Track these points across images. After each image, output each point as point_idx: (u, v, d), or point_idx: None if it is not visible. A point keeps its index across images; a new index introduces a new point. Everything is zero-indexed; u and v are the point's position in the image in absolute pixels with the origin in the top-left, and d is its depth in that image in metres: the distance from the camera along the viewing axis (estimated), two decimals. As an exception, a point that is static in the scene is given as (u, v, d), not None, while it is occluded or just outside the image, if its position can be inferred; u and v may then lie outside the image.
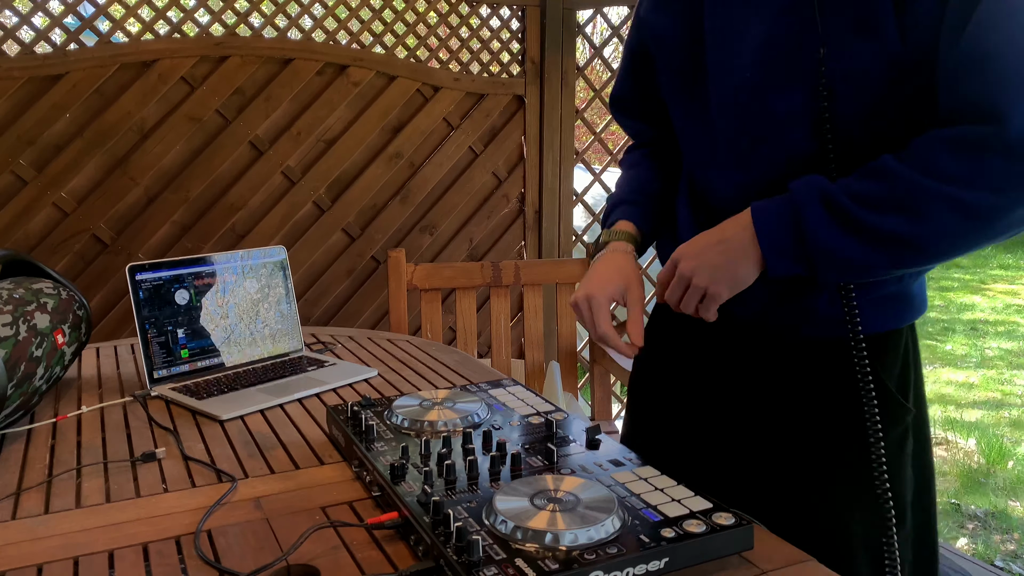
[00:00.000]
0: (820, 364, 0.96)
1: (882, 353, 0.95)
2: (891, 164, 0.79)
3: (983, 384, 4.23)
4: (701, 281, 0.90)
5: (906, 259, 0.81)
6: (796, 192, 0.84)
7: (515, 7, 2.78)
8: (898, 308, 0.95)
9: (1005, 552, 2.56)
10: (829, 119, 0.85)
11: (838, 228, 0.81)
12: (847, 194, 0.81)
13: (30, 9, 2.18)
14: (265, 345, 1.50)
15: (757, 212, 0.86)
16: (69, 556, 0.79)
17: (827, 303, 0.92)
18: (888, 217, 0.79)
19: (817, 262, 0.83)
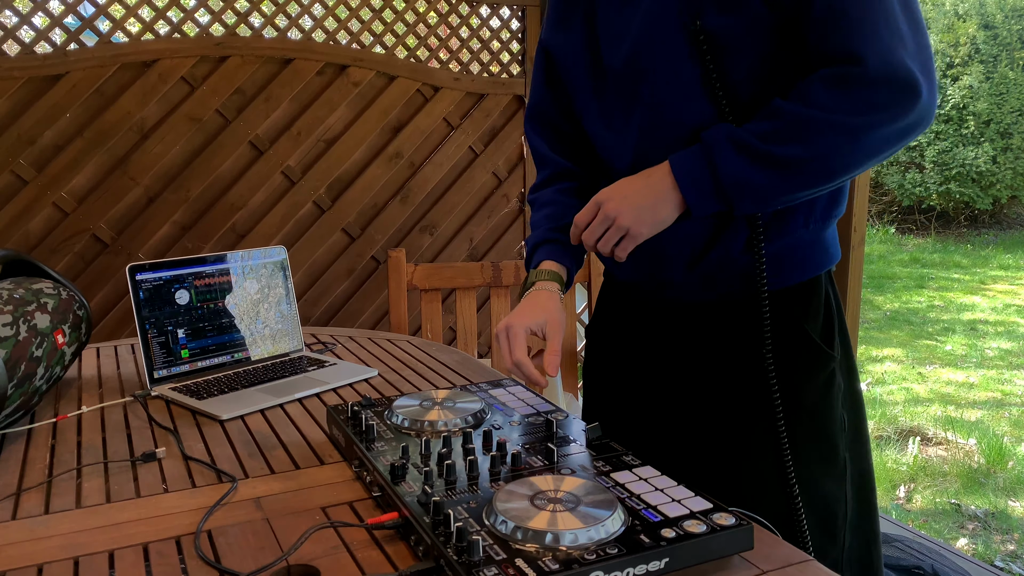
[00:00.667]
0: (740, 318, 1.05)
1: (803, 302, 1.05)
2: (780, 103, 0.93)
3: (983, 384, 4.23)
4: (624, 221, 0.97)
5: (806, 179, 0.93)
6: (706, 137, 0.95)
7: (515, 7, 2.78)
8: (812, 255, 1.05)
9: (1005, 552, 2.56)
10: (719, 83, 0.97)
11: (746, 160, 0.92)
12: (749, 132, 0.93)
13: (30, 9, 2.18)
14: (265, 345, 1.50)
15: (675, 159, 0.97)
16: (69, 556, 0.79)
17: (742, 250, 1.03)
18: (785, 146, 0.91)
19: (732, 194, 0.94)
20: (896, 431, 3.57)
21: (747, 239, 1.03)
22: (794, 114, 0.91)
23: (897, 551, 2.10)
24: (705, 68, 0.97)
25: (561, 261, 1.15)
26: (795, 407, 1.03)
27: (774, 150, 0.92)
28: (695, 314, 1.09)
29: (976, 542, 2.62)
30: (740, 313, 1.06)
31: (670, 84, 1.00)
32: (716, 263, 1.05)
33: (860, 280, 2.34)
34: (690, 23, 0.96)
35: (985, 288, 6.48)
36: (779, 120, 0.92)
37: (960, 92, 7.99)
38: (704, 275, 1.06)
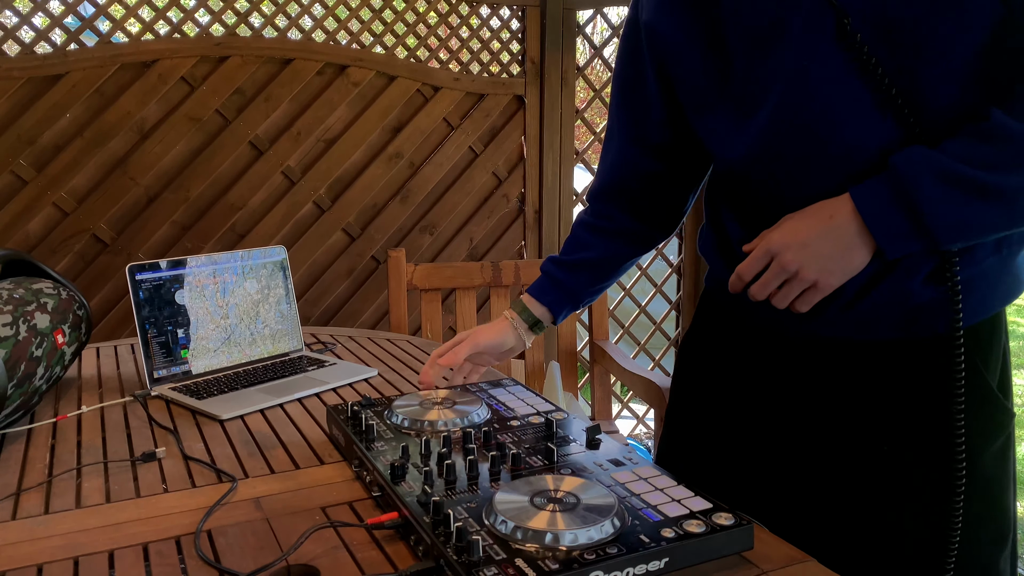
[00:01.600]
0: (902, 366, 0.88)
1: (983, 346, 0.87)
2: (1001, 120, 0.75)
3: (983, 384, 4.22)
4: (809, 274, 0.83)
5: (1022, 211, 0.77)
6: (899, 167, 0.79)
7: (515, 7, 2.78)
8: (999, 286, 0.87)
9: (1005, 552, 2.55)
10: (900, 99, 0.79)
11: (956, 195, 0.76)
12: (958, 158, 0.76)
13: (30, 9, 2.18)
14: (265, 345, 1.50)
15: (860, 198, 0.80)
16: (69, 556, 0.79)
17: (921, 284, 0.85)
18: (1010, 174, 0.75)
19: (940, 236, 0.78)
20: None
21: (932, 271, 0.84)
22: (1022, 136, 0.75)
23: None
24: (875, 78, 0.79)
25: (541, 298, 1.16)
26: (970, 476, 0.85)
27: (991, 179, 0.75)
28: (835, 351, 0.92)
29: (976, 542, 2.61)
30: (898, 355, 0.88)
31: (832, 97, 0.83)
32: (884, 299, 0.87)
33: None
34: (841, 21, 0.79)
35: (985, 288, 6.46)
36: (1000, 142, 0.76)
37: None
38: (864, 315, 0.88)
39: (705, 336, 1.12)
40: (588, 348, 2.32)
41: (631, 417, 3.18)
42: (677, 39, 0.94)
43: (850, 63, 0.80)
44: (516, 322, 1.17)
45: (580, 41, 2.98)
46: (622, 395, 3.15)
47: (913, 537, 0.88)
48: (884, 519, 0.89)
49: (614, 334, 3.05)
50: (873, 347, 0.89)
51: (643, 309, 3.05)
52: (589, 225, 1.17)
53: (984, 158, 0.76)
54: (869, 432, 0.90)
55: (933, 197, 0.77)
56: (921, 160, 0.78)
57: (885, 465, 0.89)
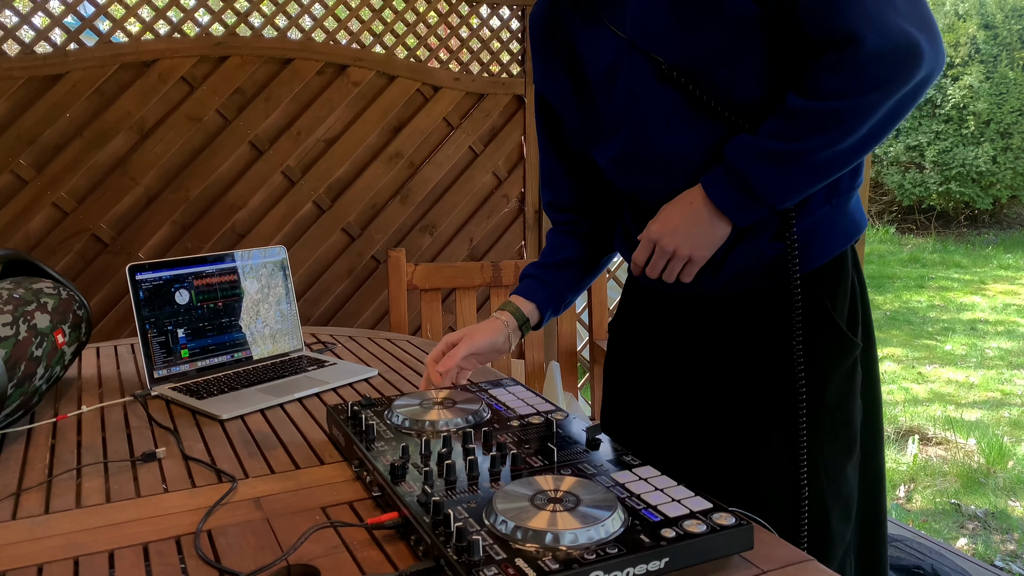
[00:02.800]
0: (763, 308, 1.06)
1: (829, 285, 1.05)
2: (793, 103, 0.95)
3: (983, 384, 4.23)
4: (684, 251, 1.02)
5: (838, 163, 0.95)
6: (729, 155, 0.98)
7: (515, 7, 2.78)
8: (836, 229, 1.05)
9: (1005, 552, 2.56)
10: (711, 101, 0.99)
11: (774, 165, 0.95)
12: (770, 136, 0.96)
13: (30, 9, 2.18)
14: (265, 345, 1.50)
15: (707, 186, 1.00)
16: (69, 556, 0.79)
17: (768, 242, 1.03)
18: (808, 139, 0.93)
19: (772, 198, 0.97)
20: (896, 431, 3.57)
21: (777, 229, 1.03)
22: (810, 110, 0.93)
23: (897, 551, 2.10)
24: (694, 98, 0.99)
25: (530, 297, 1.23)
26: (820, 400, 1.04)
27: (797, 147, 0.94)
28: (717, 307, 1.10)
29: (976, 542, 2.62)
30: (763, 303, 1.06)
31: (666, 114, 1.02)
32: (744, 259, 1.05)
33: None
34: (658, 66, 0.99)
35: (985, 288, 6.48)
36: (797, 118, 0.94)
37: (960, 92, 7.99)
38: (731, 274, 1.07)
39: (627, 315, 1.28)
40: (588, 348, 2.32)
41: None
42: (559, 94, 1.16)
43: (672, 91, 1.00)
44: (508, 322, 1.21)
45: (580, 41, 2.97)
46: (622, 395, 3.14)
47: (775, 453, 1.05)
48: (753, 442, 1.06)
49: (614, 334, 3.04)
50: (741, 298, 1.08)
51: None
52: (562, 231, 1.29)
53: (785, 131, 0.95)
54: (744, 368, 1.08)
55: (756, 171, 0.96)
56: (743, 145, 0.97)
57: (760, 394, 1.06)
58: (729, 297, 1.09)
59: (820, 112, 0.93)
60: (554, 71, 1.15)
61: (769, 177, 0.96)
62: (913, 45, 0.89)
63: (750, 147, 0.97)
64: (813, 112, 0.93)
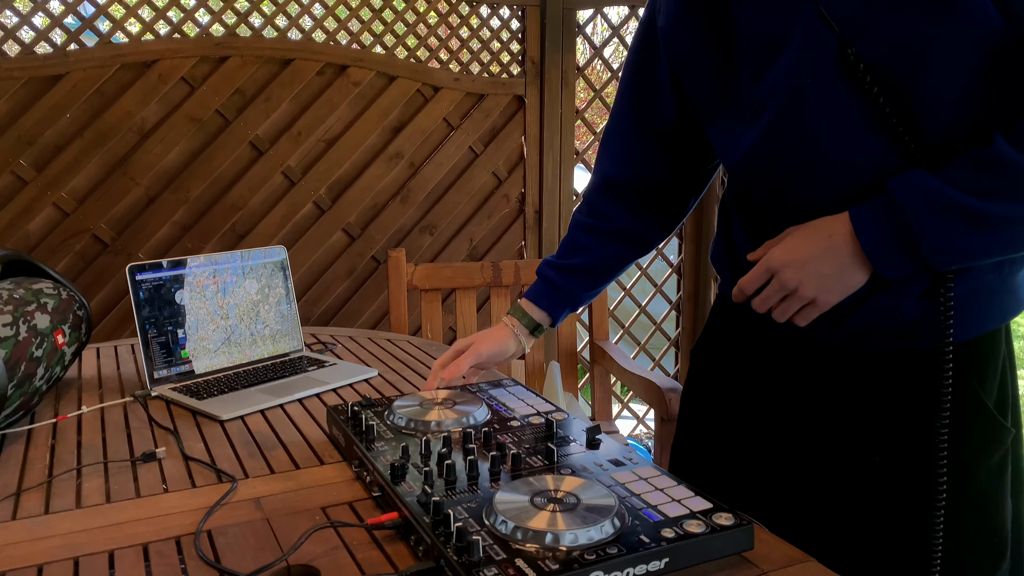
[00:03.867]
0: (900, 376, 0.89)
1: (978, 362, 0.88)
2: (1002, 150, 0.76)
3: (983, 384, 4.22)
4: (808, 292, 0.85)
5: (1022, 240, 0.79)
6: (896, 193, 0.80)
7: (515, 7, 2.78)
8: (996, 304, 0.88)
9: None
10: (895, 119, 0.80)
11: (952, 223, 0.77)
12: (955, 185, 0.77)
13: (30, 9, 2.18)
14: (265, 345, 1.50)
15: (859, 221, 0.82)
16: (69, 556, 0.79)
17: (913, 301, 0.86)
18: (1006, 204, 0.76)
19: (934, 261, 0.79)
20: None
21: (926, 289, 0.86)
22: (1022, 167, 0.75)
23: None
24: (873, 102, 0.80)
25: (541, 303, 1.17)
26: (963, 491, 0.86)
27: (990, 209, 0.76)
28: (837, 359, 0.93)
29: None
30: (896, 366, 0.90)
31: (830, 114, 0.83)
32: (876, 315, 0.88)
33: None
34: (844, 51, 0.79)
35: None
36: (1002, 170, 0.76)
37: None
38: (858, 327, 0.90)
39: (716, 342, 1.13)
40: (588, 348, 2.32)
41: (631, 417, 3.18)
42: (690, 46, 0.96)
43: (847, 84, 0.81)
44: (517, 328, 1.17)
45: (580, 41, 2.98)
46: (622, 395, 3.15)
47: (901, 544, 0.88)
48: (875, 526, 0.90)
49: (614, 334, 3.05)
50: (867, 356, 0.91)
51: (643, 309, 3.05)
52: (586, 227, 1.16)
53: (983, 186, 0.76)
54: (862, 439, 0.91)
55: (929, 225, 0.78)
56: (918, 187, 0.79)
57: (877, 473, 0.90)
58: (848, 352, 0.92)
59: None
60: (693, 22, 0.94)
61: (940, 233, 0.78)
62: None
63: (927, 190, 0.78)
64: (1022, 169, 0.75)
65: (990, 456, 0.88)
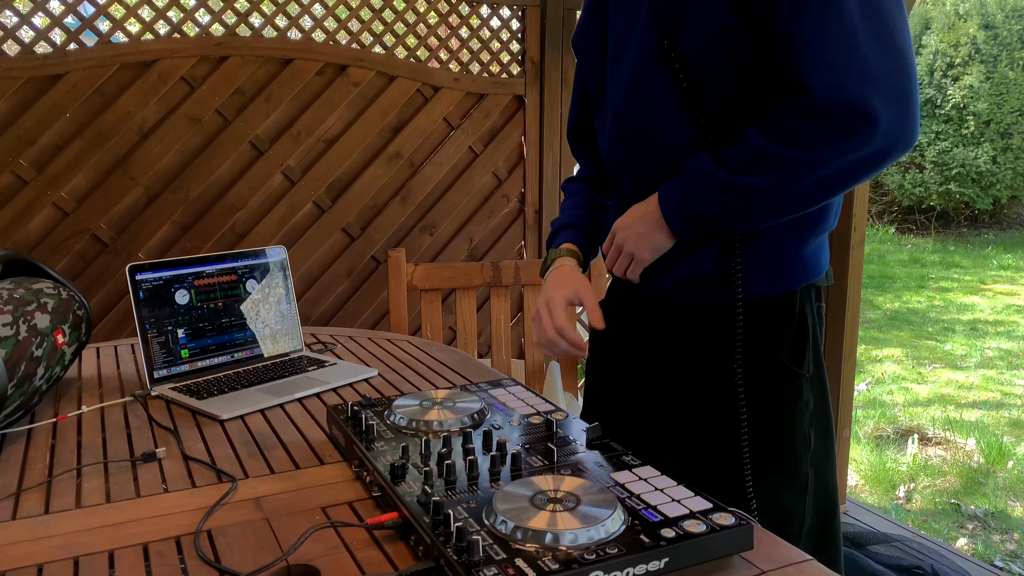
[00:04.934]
0: (713, 326, 1.07)
1: (770, 316, 1.06)
2: (751, 135, 0.95)
3: (983, 384, 4.23)
4: (629, 248, 1.07)
5: (776, 209, 0.97)
6: (687, 170, 1.01)
7: (515, 7, 2.78)
8: (785, 269, 1.06)
9: (1005, 552, 2.56)
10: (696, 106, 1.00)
11: (716, 193, 0.97)
12: (723, 164, 0.97)
13: (30, 9, 2.18)
14: (265, 345, 1.50)
15: (662, 192, 1.04)
16: (69, 556, 0.79)
17: (714, 259, 1.05)
18: (751, 178, 0.95)
19: (709, 223, 1.00)
20: (896, 431, 3.57)
21: (721, 251, 1.05)
22: (760, 147, 0.94)
23: (897, 551, 2.09)
24: (680, 88, 1.01)
25: (580, 245, 1.24)
26: (758, 420, 1.05)
27: (741, 182, 0.95)
28: (676, 318, 1.12)
29: (976, 542, 2.62)
30: (713, 321, 1.07)
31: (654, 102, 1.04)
32: (687, 271, 1.07)
33: (860, 280, 2.34)
34: (661, 43, 1.00)
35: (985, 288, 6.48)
36: (747, 152, 0.96)
37: (960, 92, 7.99)
38: (677, 283, 1.09)
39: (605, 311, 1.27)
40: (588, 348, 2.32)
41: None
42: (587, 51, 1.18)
43: (664, 74, 1.02)
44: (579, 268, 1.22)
45: (580, 41, 2.98)
46: (622, 395, 3.14)
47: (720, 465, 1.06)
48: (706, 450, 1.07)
49: (614, 334, 3.05)
50: (688, 312, 1.10)
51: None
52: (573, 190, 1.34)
53: (735, 164, 0.96)
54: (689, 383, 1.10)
55: (701, 193, 0.99)
56: (700, 163, 1.00)
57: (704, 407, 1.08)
58: (677, 309, 1.11)
59: (770, 154, 0.93)
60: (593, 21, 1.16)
61: (712, 204, 0.98)
62: (868, 113, 0.86)
63: (704, 167, 0.99)
64: (764, 152, 0.94)
65: (780, 391, 1.06)
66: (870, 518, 2.44)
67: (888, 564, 2.00)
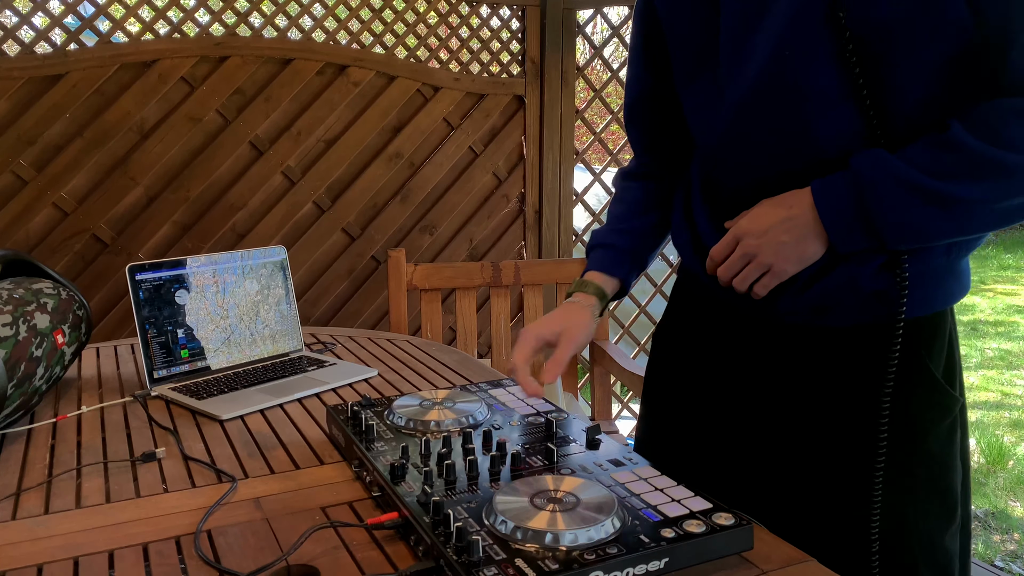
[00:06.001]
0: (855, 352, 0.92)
1: (928, 337, 0.92)
2: (960, 134, 0.80)
3: (983, 384, 4.23)
4: (766, 259, 0.89)
5: (983, 222, 0.82)
6: (858, 168, 0.84)
7: (515, 7, 2.78)
8: (944, 285, 0.92)
9: (1005, 552, 2.56)
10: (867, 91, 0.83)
11: (908, 199, 0.81)
12: (914, 165, 0.81)
13: (30, 9, 2.18)
14: (265, 345, 1.50)
15: (820, 192, 0.86)
16: (69, 556, 0.79)
17: (872, 275, 0.89)
18: (962, 185, 0.80)
19: (888, 236, 0.83)
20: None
21: (884, 263, 0.89)
22: (979, 151, 0.79)
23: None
24: (850, 71, 0.83)
25: (611, 271, 1.10)
26: (915, 453, 0.91)
27: (948, 189, 0.80)
28: (795, 336, 0.96)
29: (976, 542, 2.62)
30: (852, 342, 0.93)
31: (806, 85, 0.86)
32: (835, 286, 0.91)
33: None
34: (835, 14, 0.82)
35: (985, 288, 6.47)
36: (958, 154, 0.80)
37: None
38: (817, 300, 0.93)
39: (678, 323, 1.14)
40: (588, 348, 2.32)
41: (631, 417, 3.18)
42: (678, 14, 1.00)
43: (828, 49, 0.84)
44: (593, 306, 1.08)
45: (580, 41, 2.98)
46: (622, 395, 3.15)
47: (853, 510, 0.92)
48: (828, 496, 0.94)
49: (614, 334, 3.05)
50: (822, 333, 0.94)
51: (643, 309, 3.05)
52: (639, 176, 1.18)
53: (940, 167, 0.81)
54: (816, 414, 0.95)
55: (886, 203, 0.82)
56: (881, 164, 0.83)
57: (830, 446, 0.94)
58: (806, 329, 0.95)
59: (990, 159, 0.79)
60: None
61: (899, 210, 0.82)
62: None
63: (889, 168, 0.82)
64: (982, 155, 0.79)
65: (940, 421, 0.93)
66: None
67: None
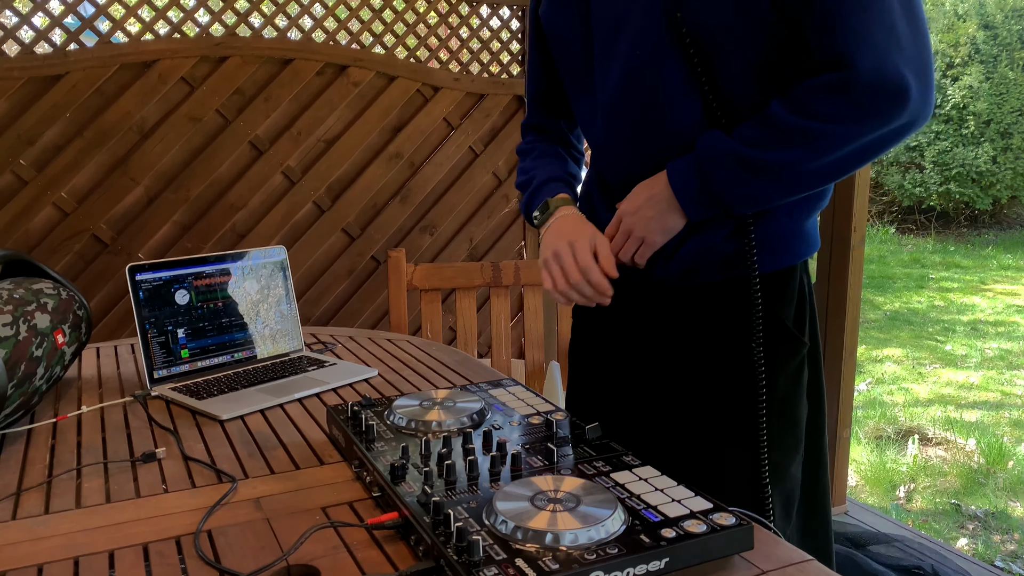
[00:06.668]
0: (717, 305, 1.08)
1: (778, 290, 1.07)
2: (777, 112, 0.95)
3: (983, 384, 4.23)
4: (638, 232, 1.05)
5: (800, 183, 0.98)
6: (699, 148, 1.00)
7: (515, 7, 2.78)
8: (791, 246, 1.07)
9: (1005, 552, 2.56)
10: (705, 81, 0.99)
11: (737, 170, 0.97)
12: (742, 140, 0.97)
13: (30, 9, 2.18)
14: (265, 345, 1.50)
15: (672, 171, 1.02)
16: (69, 556, 0.79)
17: (725, 238, 1.05)
18: (777, 152, 0.95)
19: (727, 201, 0.99)
20: (896, 431, 3.57)
21: (734, 228, 1.05)
22: (790, 124, 0.94)
23: (897, 551, 2.09)
24: (691, 65, 0.99)
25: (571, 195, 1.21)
26: (769, 395, 1.06)
27: (766, 156, 0.95)
28: (682, 299, 1.11)
29: (976, 542, 2.62)
30: (717, 300, 1.08)
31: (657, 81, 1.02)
32: (697, 251, 1.07)
33: (860, 280, 2.34)
34: (673, 15, 0.98)
35: (985, 288, 6.48)
36: (773, 128, 0.95)
37: (960, 92, 7.99)
38: (687, 264, 1.08)
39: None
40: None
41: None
42: (561, 29, 1.14)
43: (672, 47, 0.99)
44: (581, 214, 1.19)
45: (580, 41, 2.98)
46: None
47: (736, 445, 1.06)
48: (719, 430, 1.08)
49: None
50: (697, 291, 1.10)
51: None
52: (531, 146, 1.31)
53: (760, 140, 0.96)
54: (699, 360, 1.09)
55: (721, 174, 0.98)
56: (715, 143, 0.99)
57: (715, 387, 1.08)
58: (683, 289, 1.10)
59: (798, 129, 0.94)
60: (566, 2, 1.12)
61: (731, 181, 0.97)
62: (904, 88, 0.90)
63: (721, 145, 0.98)
64: (792, 127, 0.94)
65: (788, 365, 1.07)
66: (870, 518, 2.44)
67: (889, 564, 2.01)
